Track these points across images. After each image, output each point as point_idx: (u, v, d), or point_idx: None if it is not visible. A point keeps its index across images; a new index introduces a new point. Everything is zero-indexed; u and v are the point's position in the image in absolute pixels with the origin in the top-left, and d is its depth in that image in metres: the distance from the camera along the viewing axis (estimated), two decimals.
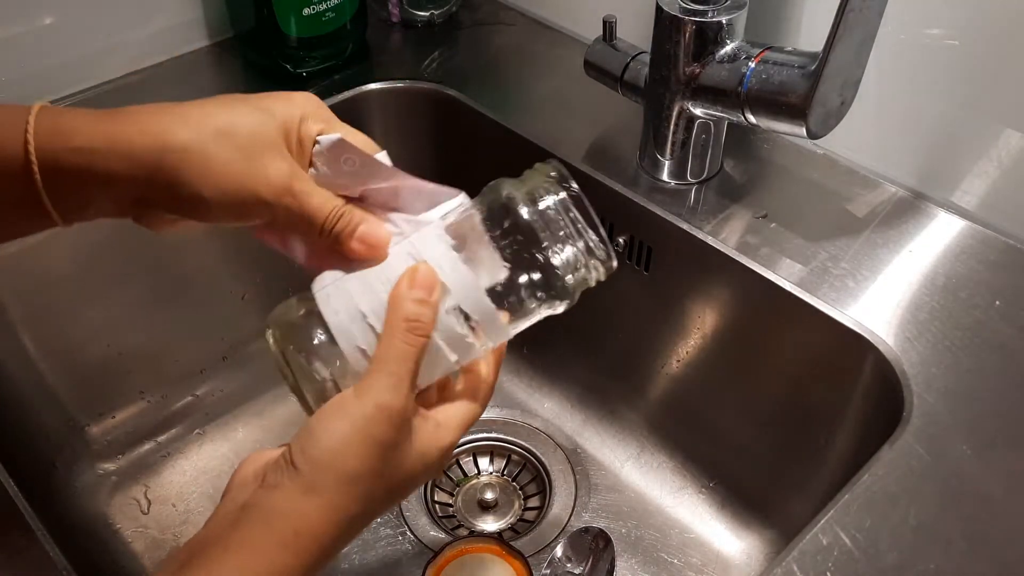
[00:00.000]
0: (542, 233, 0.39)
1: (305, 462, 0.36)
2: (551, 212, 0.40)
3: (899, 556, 0.46)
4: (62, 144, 0.38)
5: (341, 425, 0.36)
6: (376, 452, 0.37)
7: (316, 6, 0.78)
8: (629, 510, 0.74)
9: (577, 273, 0.40)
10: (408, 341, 0.38)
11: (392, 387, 0.37)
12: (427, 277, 0.39)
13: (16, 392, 0.72)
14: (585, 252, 0.40)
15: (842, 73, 0.57)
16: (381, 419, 0.37)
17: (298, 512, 0.36)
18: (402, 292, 0.38)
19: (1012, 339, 0.57)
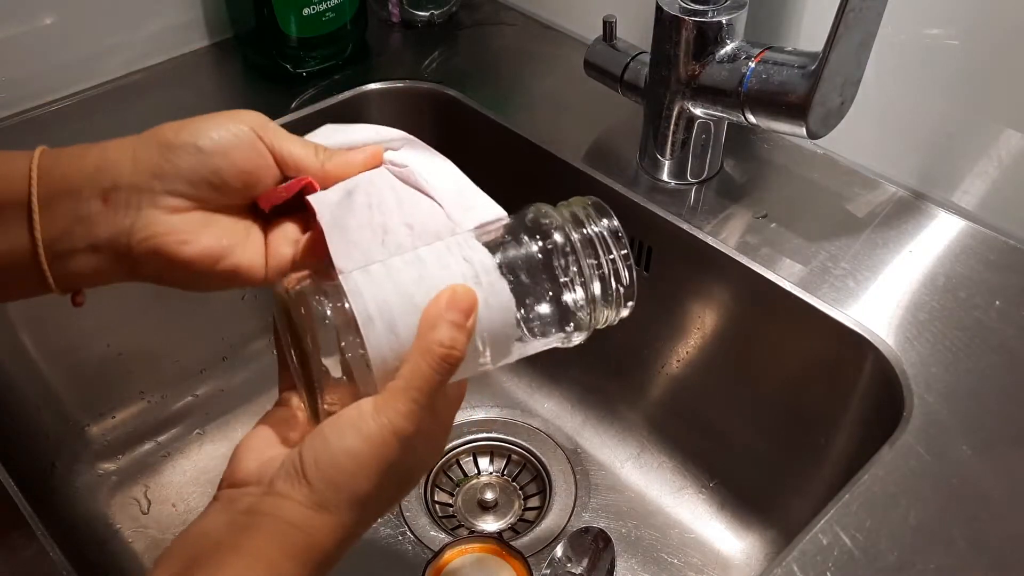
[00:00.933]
0: (573, 262, 0.38)
1: (319, 480, 0.36)
2: (588, 242, 0.39)
3: (899, 556, 0.47)
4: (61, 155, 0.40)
5: (357, 446, 0.36)
6: (387, 475, 0.37)
7: (316, 6, 0.78)
8: (629, 510, 0.74)
9: (599, 310, 0.39)
10: (438, 370, 0.36)
11: (413, 415, 0.36)
12: (467, 300, 0.37)
13: (16, 392, 0.72)
14: (613, 290, 0.39)
15: (842, 73, 0.57)
16: (397, 445, 0.36)
17: (309, 527, 0.36)
18: (440, 312, 0.36)
19: (1012, 339, 0.57)
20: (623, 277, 0.39)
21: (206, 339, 0.81)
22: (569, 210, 0.40)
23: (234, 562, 0.35)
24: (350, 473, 0.36)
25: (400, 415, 0.36)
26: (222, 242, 0.41)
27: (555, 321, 0.39)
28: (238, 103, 0.81)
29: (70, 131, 0.76)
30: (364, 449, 0.36)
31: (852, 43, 0.55)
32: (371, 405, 0.36)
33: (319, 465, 0.36)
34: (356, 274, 0.38)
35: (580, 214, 0.40)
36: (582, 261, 0.38)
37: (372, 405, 0.36)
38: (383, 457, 0.36)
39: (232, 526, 0.36)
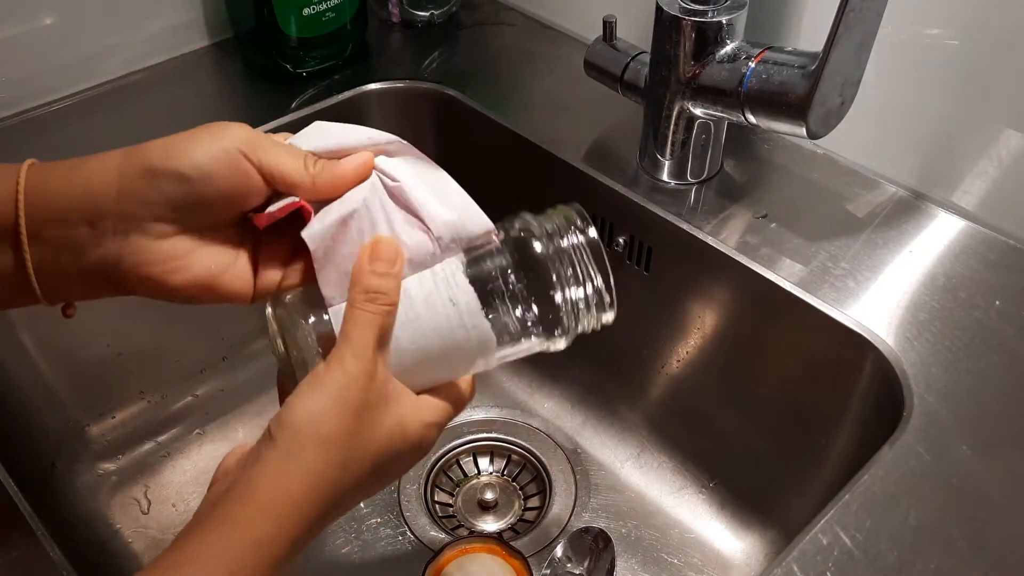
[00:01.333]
0: (553, 269, 0.40)
1: (280, 430, 0.37)
2: (566, 250, 0.41)
3: (899, 556, 0.47)
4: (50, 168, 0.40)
5: (314, 394, 0.37)
6: (349, 414, 0.37)
7: (316, 6, 0.78)
8: (629, 510, 0.74)
9: (579, 315, 0.41)
10: (369, 310, 0.38)
11: (356, 354, 0.37)
12: (387, 250, 0.39)
13: (16, 392, 0.72)
14: (592, 297, 0.41)
15: (842, 73, 0.57)
16: (350, 384, 0.37)
17: (275, 478, 0.36)
18: (362, 265, 0.39)
19: (1012, 339, 0.57)
20: (598, 283, 0.41)
21: (206, 339, 0.81)
22: (550, 220, 0.42)
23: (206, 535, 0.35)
24: (309, 417, 0.37)
25: (346, 358, 0.37)
26: (210, 269, 0.42)
27: (536, 328, 0.41)
28: (238, 103, 0.81)
29: (70, 131, 0.76)
30: (319, 394, 0.37)
31: (852, 43, 0.55)
32: (322, 364, 0.38)
33: (281, 420, 0.37)
34: (343, 307, 0.40)
35: (560, 223, 0.42)
36: (561, 269, 0.40)
37: (323, 363, 0.38)
38: (339, 396, 0.37)
39: (207, 504, 0.37)
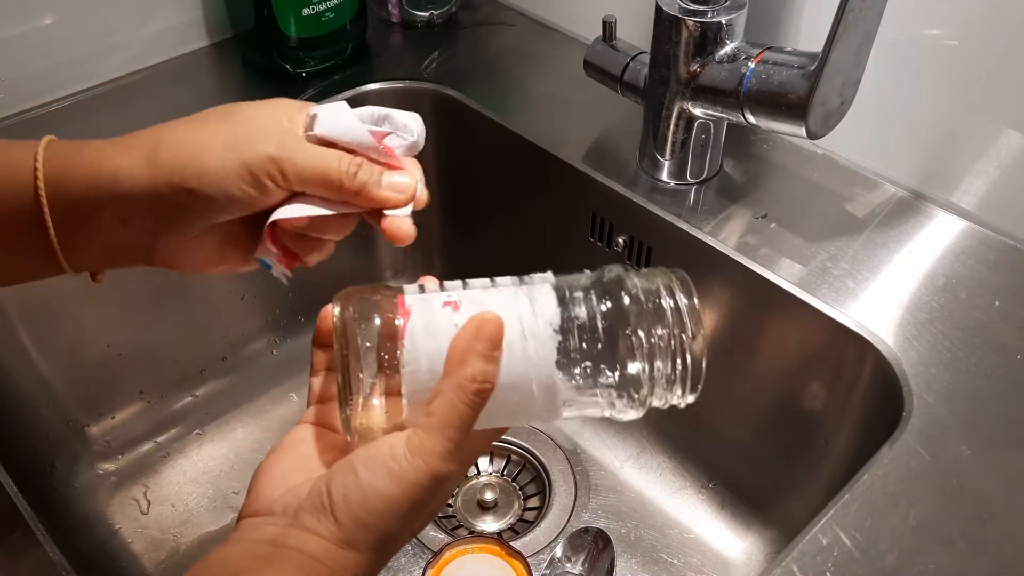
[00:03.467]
0: (643, 336, 0.37)
1: (348, 518, 0.35)
2: (660, 315, 0.37)
3: (899, 556, 0.46)
4: (71, 153, 0.39)
5: (390, 488, 0.35)
6: (417, 513, 0.36)
7: (316, 6, 0.78)
8: (629, 510, 0.73)
9: (659, 388, 0.38)
10: (471, 404, 0.35)
11: (448, 455, 0.35)
12: (494, 330, 0.36)
13: (16, 392, 0.72)
14: (679, 373, 0.37)
15: (842, 73, 0.57)
16: (431, 487, 0.35)
17: (333, 563, 0.35)
18: (469, 345, 0.35)
19: (1012, 339, 0.57)
20: (689, 359, 0.37)
21: (206, 339, 0.81)
22: (651, 279, 0.38)
23: None
24: (380, 515, 0.35)
25: (436, 456, 0.35)
26: (235, 256, 0.43)
27: (609, 388, 0.37)
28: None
29: (70, 131, 0.75)
30: (397, 492, 0.35)
31: (852, 43, 0.55)
32: (404, 445, 0.35)
33: (348, 503, 0.35)
34: (415, 296, 0.38)
35: (661, 284, 0.38)
36: (651, 332, 0.37)
37: (406, 445, 0.35)
38: (415, 499, 0.35)
39: (254, 557, 0.35)
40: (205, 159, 0.38)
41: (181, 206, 0.39)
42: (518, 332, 0.37)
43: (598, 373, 0.37)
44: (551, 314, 0.37)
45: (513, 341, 0.36)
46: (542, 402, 0.37)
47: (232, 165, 0.38)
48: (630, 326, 0.37)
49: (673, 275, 0.39)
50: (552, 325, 0.37)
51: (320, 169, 0.39)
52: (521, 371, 0.36)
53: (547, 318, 0.37)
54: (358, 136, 0.40)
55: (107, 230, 0.39)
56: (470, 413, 0.35)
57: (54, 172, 0.39)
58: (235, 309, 0.81)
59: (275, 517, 0.36)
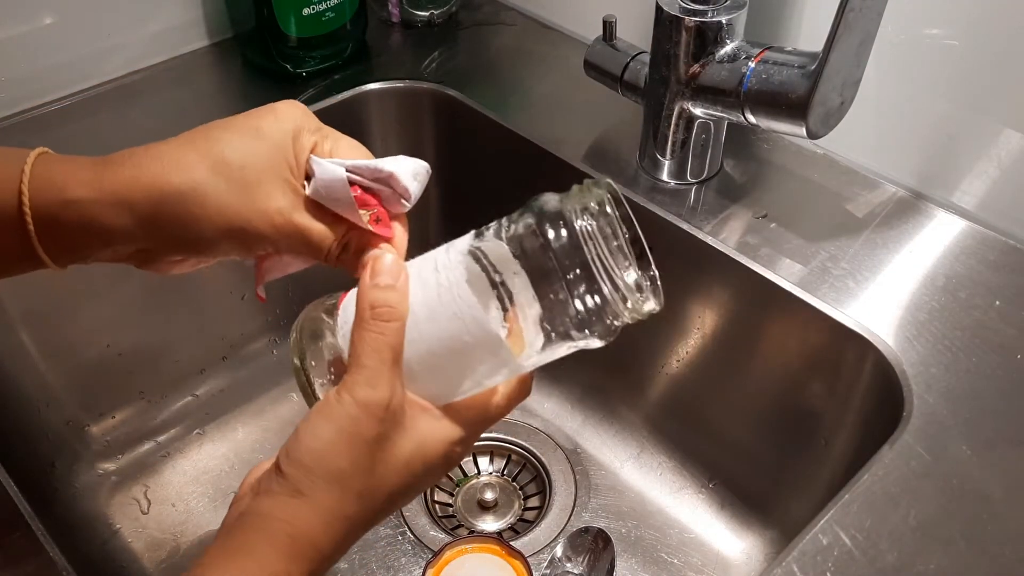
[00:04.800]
0: (583, 258, 0.35)
1: (290, 465, 0.36)
2: (595, 235, 0.35)
3: (899, 556, 0.46)
4: (56, 196, 0.38)
5: (324, 426, 0.36)
6: (362, 449, 0.36)
7: (316, 6, 0.78)
8: (629, 510, 0.73)
9: (619, 306, 0.36)
10: (377, 329, 0.36)
11: (368, 380, 0.36)
12: (389, 265, 0.38)
13: (16, 392, 0.72)
14: (633, 285, 0.36)
15: (842, 73, 0.57)
16: (362, 415, 0.36)
17: (289, 516, 0.35)
18: (364, 283, 0.37)
19: (1012, 339, 0.57)
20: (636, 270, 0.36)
21: (206, 339, 0.81)
22: (579, 199, 0.37)
23: (222, 562, 0.35)
24: (318, 452, 0.36)
25: (357, 384, 0.36)
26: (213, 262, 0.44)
27: (569, 327, 0.36)
28: (238, 103, 0.81)
29: (70, 131, 0.76)
30: (329, 426, 0.36)
31: (852, 43, 0.55)
32: (333, 391, 0.37)
33: (290, 454, 0.36)
34: (350, 293, 0.39)
35: (589, 201, 0.37)
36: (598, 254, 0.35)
37: (334, 390, 0.37)
38: (351, 430, 0.36)
39: (222, 532, 0.36)
40: (203, 229, 0.38)
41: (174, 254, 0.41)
42: (431, 266, 0.38)
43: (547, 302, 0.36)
44: (461, 244, 0.38)
45: (427, 277, 0.38)
46: (481, 338, 0.36)
47: (227, 235, 0.39)
48: (556, 242, 0.35)
49: (595, 187, 0.37)
50: (460, 251, 0.37)
51: (308, 248, 0.40)
52: (439, 303, 0.37)
53: (458, 248, 0.38)
54: (346, 207, 0.40)
55: (94, 257, 0.41)
56: (379, 338, 0.36)
57: (41, 211, 0.38)
58: (235, 309, 0.81)
59: (244, 498, 0.38)
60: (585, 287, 0.35)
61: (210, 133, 0.39)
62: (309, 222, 0.40)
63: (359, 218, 0.41)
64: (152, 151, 0.39)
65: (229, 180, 0.38)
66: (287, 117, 0.40)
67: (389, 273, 0.37)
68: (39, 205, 0.38)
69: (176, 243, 0.39)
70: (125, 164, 0.38)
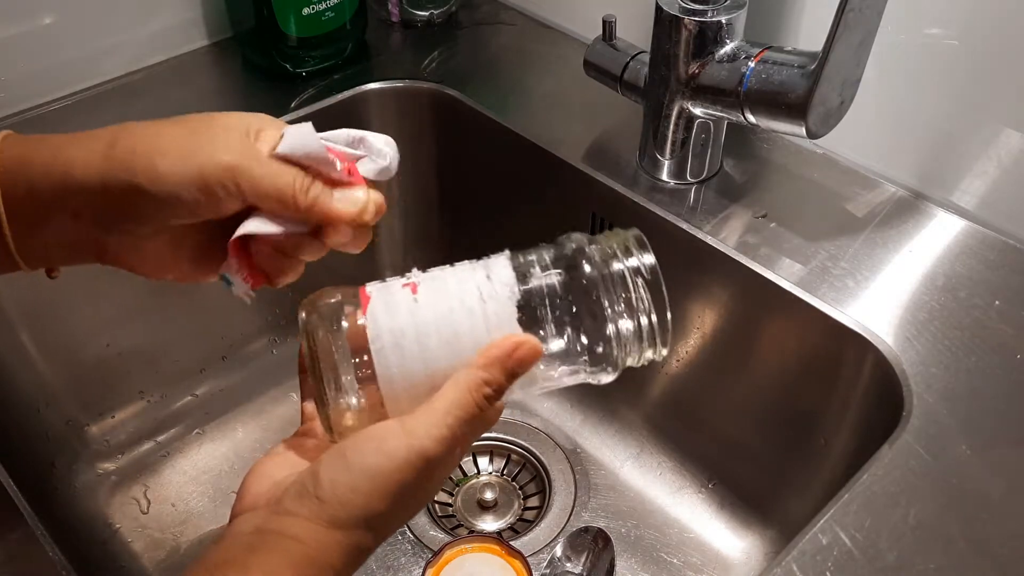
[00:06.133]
0: (609, 298, 0.37)
1: (333, 496, 0.35)
2: (621, 278, 0.37)
3: (899, 556, 0.47)
4: (32, 143, 0.39)
5: (379, 465, 0.35)
6: (405, 496, 0.36)
7: (316, 6, 0.78)
8: (629, 510, 0.74)
9: (628, 349, 0.38)
10: (480, 404, 0.36)
11: (441, 440, 0.35)
12: (527, 354, 0.36)
13: (16, 392, 0.72)
14: (646, 331, 0.38)
15: (842, 73, 0.57)
16: (419, 467, 0.35)
17: (317, 543, 0.35)
18: (500, 357, 0.36)
19: (1012, 339, 0.57)
20: (653, 317, 0.37)
21: (206, 339, 0.81)
22: (607, 243, 0.39)
23: None
24: (365, 493, 0.35)
25: (433, 440, 0.35)
26: (186, 265, 0.43)
27: (581, 359, 0.38)
28: (238, 103, 0.81)
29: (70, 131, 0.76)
30: (386, 469, 0.35)
31: (852, 43, 0.55)
32: (399, 427, 0.36)
33: (334, 484, 0.35)
34: (375, 285, 0.39)
35: (618, 248, 0.39)
36: (613, 296, 0.37)
37: (400, 427, 0.36)
38: (404, 480, 0.35)
39: (237, 547, 0.36)
40: (159, 161, 0.38)
41: (132, 204, 0.38)
42: (476, 296, 0.38)
43: (565, 337, 0.37)
44: (507, 277, 0.38)
45: (473, 306, 0.37)
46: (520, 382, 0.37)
47: (186, 170, 0.38)
48: (590, 289, 0.37)
49: (629, 235, 0.39)
50: (509, 286, 0.38)
51: (275, 184, 0.39)
52: (485, 336, 0.37)
53: (503, 280, 0.38)
54: (319, 156, 0.40)
55: (59, 223, 0.39)
56: (475, 410, 0.36)
57: (10, 162, 0.38)
58: (235, 309, 0.81)
59: (260, 509, 0.37)
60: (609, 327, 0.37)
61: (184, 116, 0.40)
62: (277, 164, 0.39)
63: (332, 166, 0.40)
64: None
65: (189, 127, 0.39)
66: (253, 114, 0.41)
67: (523, 364, 0.36)
68: (8, 154, 0.38)
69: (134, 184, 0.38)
70: (87, 131, 0.40)
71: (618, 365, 0.38)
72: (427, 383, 0.37)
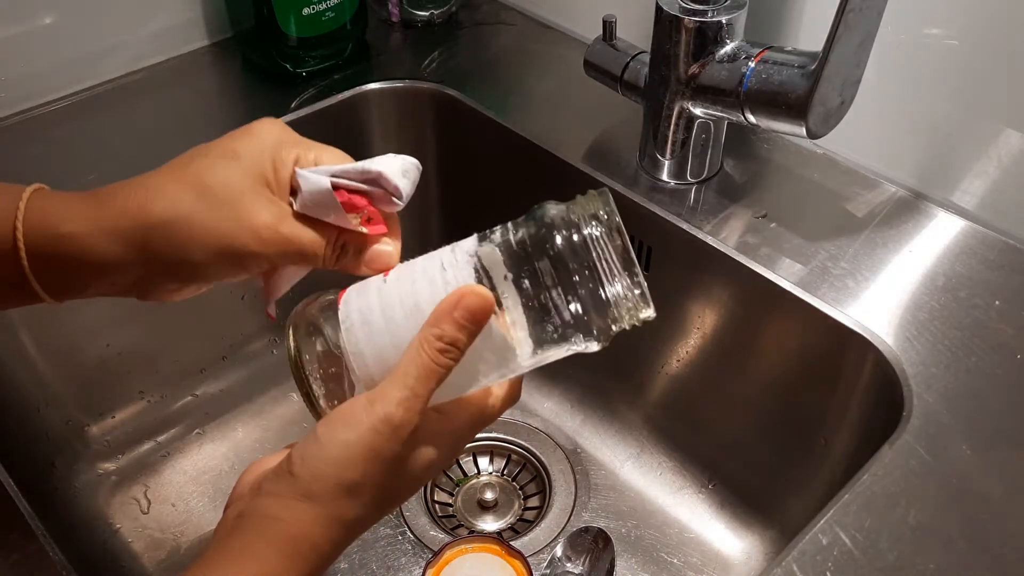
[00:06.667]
0: (579, 265, 0.36)
1: (304, 469, 0.36)
2: (592, 244, 0.37)
3: (899, 556, 0.47)
4: (51, 231, 0.38)
5: (346, 435, 0.36)
6: (380, 466, 0.36)
7: (316, 6, 0.78)
8: (629, 510, 0.74)
9: (613, 312, 0.37)
10: (437, 360, 0.36)
11: (406, 401, 0.36)
12: (474, 302, 0.36)
13: (16, 392, 0.72)
14: (627, 292, 0.37)
15: (842, 73, 0.57)
16: (388, 433, 0.35)
17: (294, 519, 0.35)
18: (447, 309, 0.36)
19: (1012, 339, 0.57)
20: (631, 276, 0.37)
21: (206, 339, 0.81)
22: (574, 208, 0.39)
23: (221, 561, 0.35)
24: (335, 462, 0.35)
25: (393, 402, 0.36)
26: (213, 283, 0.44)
27: (567, 330, 0.37)
28: (238, 103, 0.81)
29: (70, 131, 0.76)
30: (352, 437, 0.35)
31: (852, 43, 0.55)
32: (363, 397, 0.36)
33: (306, 458, 0.36)
34: (353, 286, 0.40)
35: (584, 213, 0.38)
36: (594, 261, 0.37)
37: (364, 397, 0.36)
38: (374, 446, 0.35)
39: (220, 532, 0.36)
40: (193, 253, 0.39)
41: (170, 282, 0.41)
42: (438, 267, 0.38)
43: (531, 302, 0.37)
44: (469, 246, 0.38)
45: (433, 275, 0.38)
46: (485, 337, 0.37)
47: (221, 260, 0.39)
48: (555, 254, 0.37)
49: (597, 197, 0.39)
50: (468, 253, 0.38)
51: (304, 256, 0.40)
52: None
53: (464, 249, 0.38)
54: (339, 219, 0.41)
55: (95, 289, 0.41)
56: (432, 367, 0.36)
57: (34, 255, 0.39)
58: (235, 309, 0.81)
59: (244, 497, 0.38)
60: (585, 291, 0.36)
61: (191, 160, 0.40)
62: (299, 230, 0.40)
63: (348, 223, 0.41)
64: (138, 182, 0.39)
65: (211, 202, 0.39)
66: (263, 134, 0.41)
67: (472, 313, 0.36)
68: (34, 241, 0.38)
69: (170, 269, 0.39)
70: (115, 196, 0.39)
71: (604, 332, 0.38)
72: (396, 356, 0.37)
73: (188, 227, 0.38)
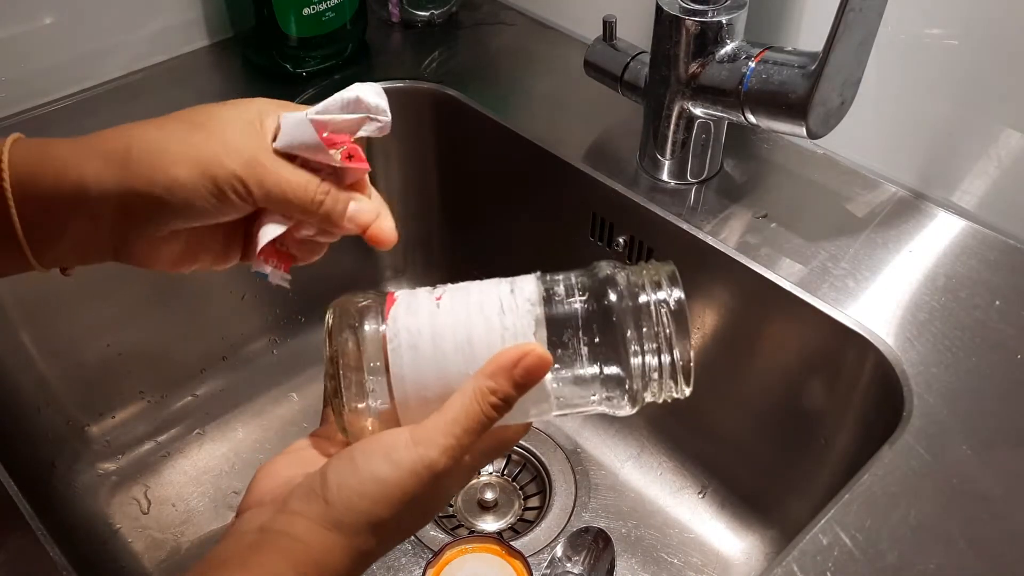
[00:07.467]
0: (632, 330, 0.37)
1: (340, 499, 0.35)
2: (647, 311, 0.37)
3: (899, 556, 0.46)
4: (37, 153, 0.39)
5: (385, 472, 0.35)
6: (410, 508, 0.36)
7: (316, 6, 0.78)
8: (629, 510, 0.74)
9: (651, 384, 0.37)
10: (488, 414, 0.36)
11: (450, 450, 0.35)
12: (534, 362, 0.36)
13: (16, 392, 0.72)
14: (668, 369, 0.37)
15: (842, 73, 0.57)
16: (428, 480, 0.35)
17: (321, 545, 0.35)
18: (506, 366, 0.36)
19: (1012, 339, 0.57)
20: (678, 354, 0.37)
21: (206, 339, 0.81)
22: (639, 274, 0.39)
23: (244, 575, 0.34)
24: (371, 498, 0.35)
25: (439, 449, 0.35)
26: (205, 256, 0.43)
27: (601, 385, 0.38)
28: None
29: (70, 131, 0.75)
30: (393, 477, 0.35)
31: (852, 43, 0.55)
32: (408, 435, 0.36)
33: (341, 487, 0.36)
34: (403, 291, 0.39)
35: (648, 280, 0.38)
36: (637, 329, 0.37)
37: (409, 435, 0.36)
38: (410, 489, 0.35)
39: (241, 544, 0.36)
40: (174, 171, 0.38)
41: (149, 212, 0.39)
42: (496, 307, 0.38)
43: (583, 362, 0.37)
44: (531, 293, 0.38)
45: (491, 316, 0.37)
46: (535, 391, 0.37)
47: (200, 179, 0.38)
48: (614, 319, 0.37)
49: (662, 268, 0.39)
50: (530, 301, 0.37)
51: (285, 194, 0.40)
52: (499, 346, 0.37)
53: (526, 295, 0.38)
54: (316, 148, 0.40)
55: (75, 229, 0.40)
56: (482, 420, 0.36)
57: (20, 176, 0.39)
58: (235, 309, 0.81)
59: (266, 507, 0.37)
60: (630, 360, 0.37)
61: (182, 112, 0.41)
62: (282, 165, 0.40)
63: (330, 157, 0.40)
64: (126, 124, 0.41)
65: (199, 127, 0.39)
66: (252, 102, 0.42)
67: (530, 373, 0.36)
68: (19, 163, 0.38)
69: (152, 195, 0.38)
70: (99, 133, 0.40)
71: (637, 399, 0.38)
72: (438, 388, 0.37)
73: (174, 142, 0.39)
